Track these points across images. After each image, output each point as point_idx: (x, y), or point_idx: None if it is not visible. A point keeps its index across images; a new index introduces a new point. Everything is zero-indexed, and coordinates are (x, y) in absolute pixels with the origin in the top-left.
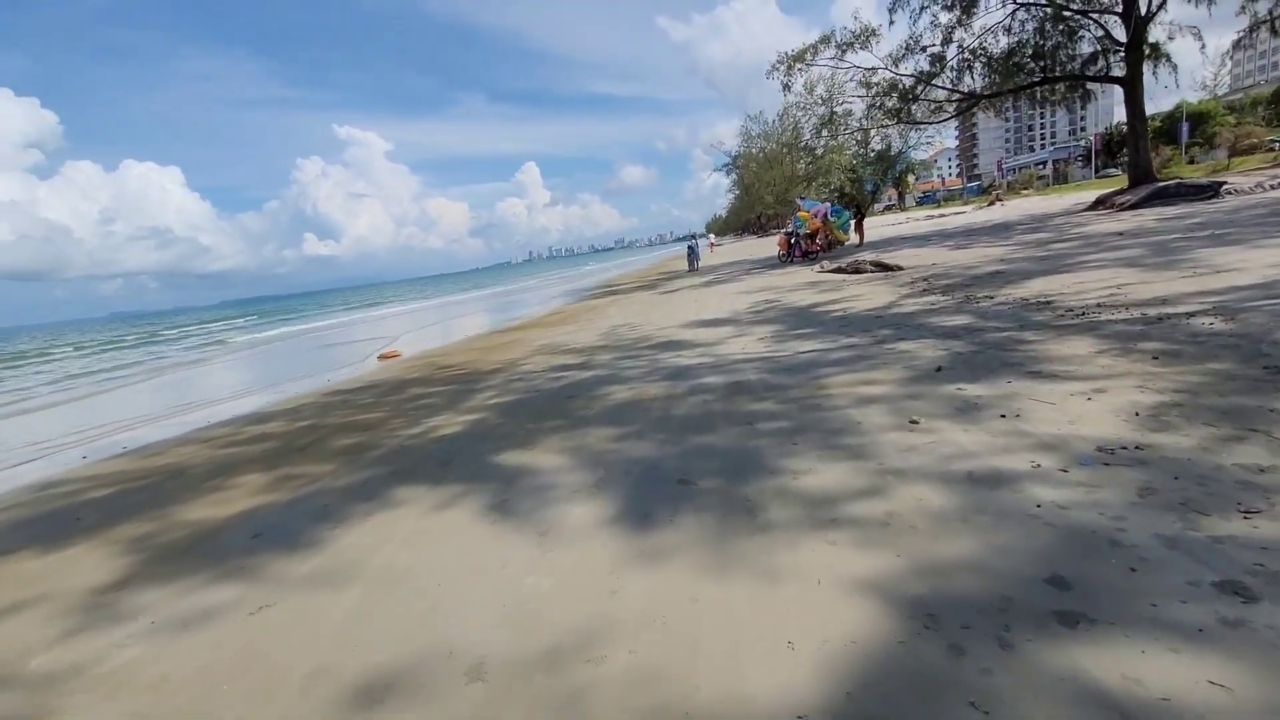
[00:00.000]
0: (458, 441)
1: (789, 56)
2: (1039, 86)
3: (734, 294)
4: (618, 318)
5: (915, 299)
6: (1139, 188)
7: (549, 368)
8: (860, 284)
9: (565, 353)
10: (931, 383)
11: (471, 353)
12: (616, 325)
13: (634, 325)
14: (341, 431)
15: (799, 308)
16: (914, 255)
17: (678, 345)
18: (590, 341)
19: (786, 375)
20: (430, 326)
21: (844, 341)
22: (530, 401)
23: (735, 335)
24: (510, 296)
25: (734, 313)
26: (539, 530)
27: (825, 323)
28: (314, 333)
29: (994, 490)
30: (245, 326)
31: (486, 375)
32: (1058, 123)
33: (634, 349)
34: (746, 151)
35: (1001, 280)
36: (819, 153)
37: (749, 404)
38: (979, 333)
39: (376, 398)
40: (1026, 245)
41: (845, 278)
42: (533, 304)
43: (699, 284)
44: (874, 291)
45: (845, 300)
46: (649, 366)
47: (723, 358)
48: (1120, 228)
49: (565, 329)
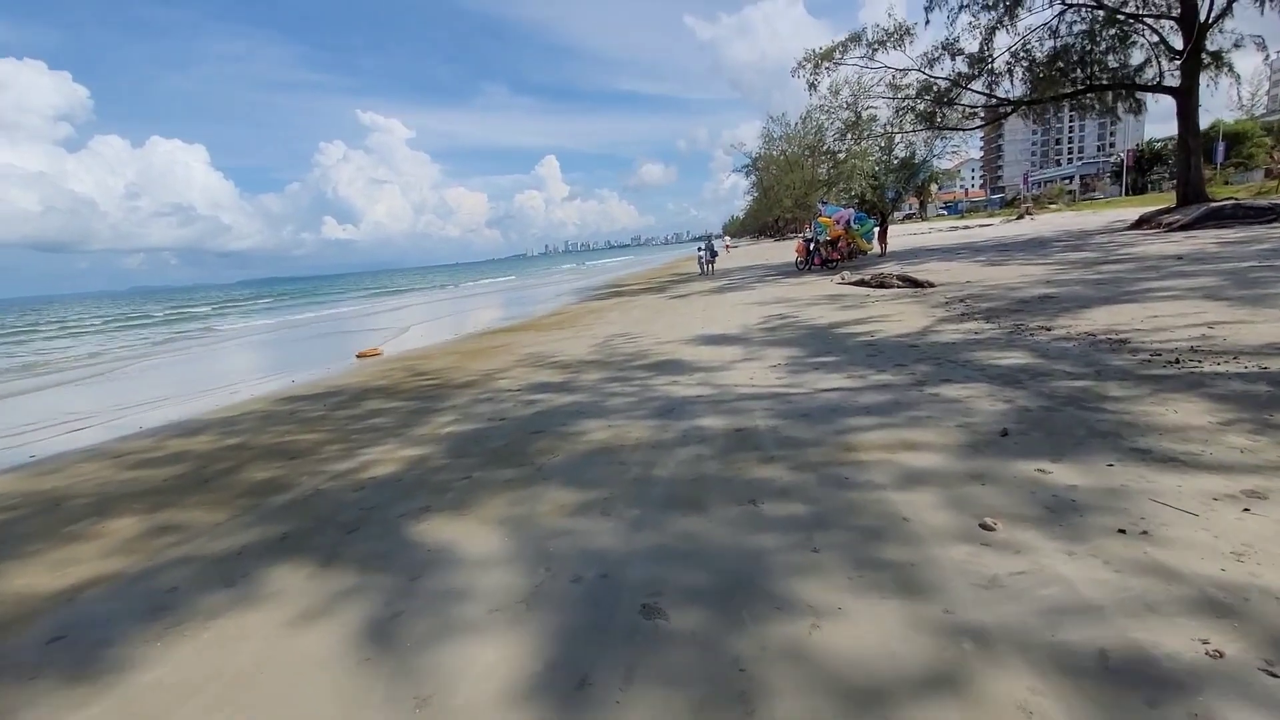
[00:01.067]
0: (383, 491)
1: (816, 54)
2: (1085, 95)
3: (746, 305)
4: (617, 325)
5: (954, 325)
6: (1189, 207)
7: (526, 386)
8: (887, 302)
9: (550, 366)
10: (999, 454)
11: (452, 357)
12: (614, 335)
13: (632, 336)
14: (265, 458)
15: (818, 327)
16: (944, 270)
17: (676, 368)
18: (580, 354)
19: (804, 425)
20: (428, 321)
21: (874, 379)
22: (490, 434)
23: (743, 359)
24: (518, 291)
25: (744, 328)
26: (417, 697)
27: (849, 350)
28: (312, 322)
29: (1154, 704)
30: (255, 309)
31: (456, 390)
32: (1086, 137)
33: (626, 368)
34: (767, 153)
35: (1055, 307)
36: (841, 157)
37: (754, 467)
38: (1044, 378)
39: (328, 410)
40: (1072, 265)
41: (869, 292)
42: (537, 300)
43: (709, 290)
44: (904, 312)
45: (871, 321)
46: (638, 395)
47: (726, 390)
48: (1176, 250)
49: (559, 335)
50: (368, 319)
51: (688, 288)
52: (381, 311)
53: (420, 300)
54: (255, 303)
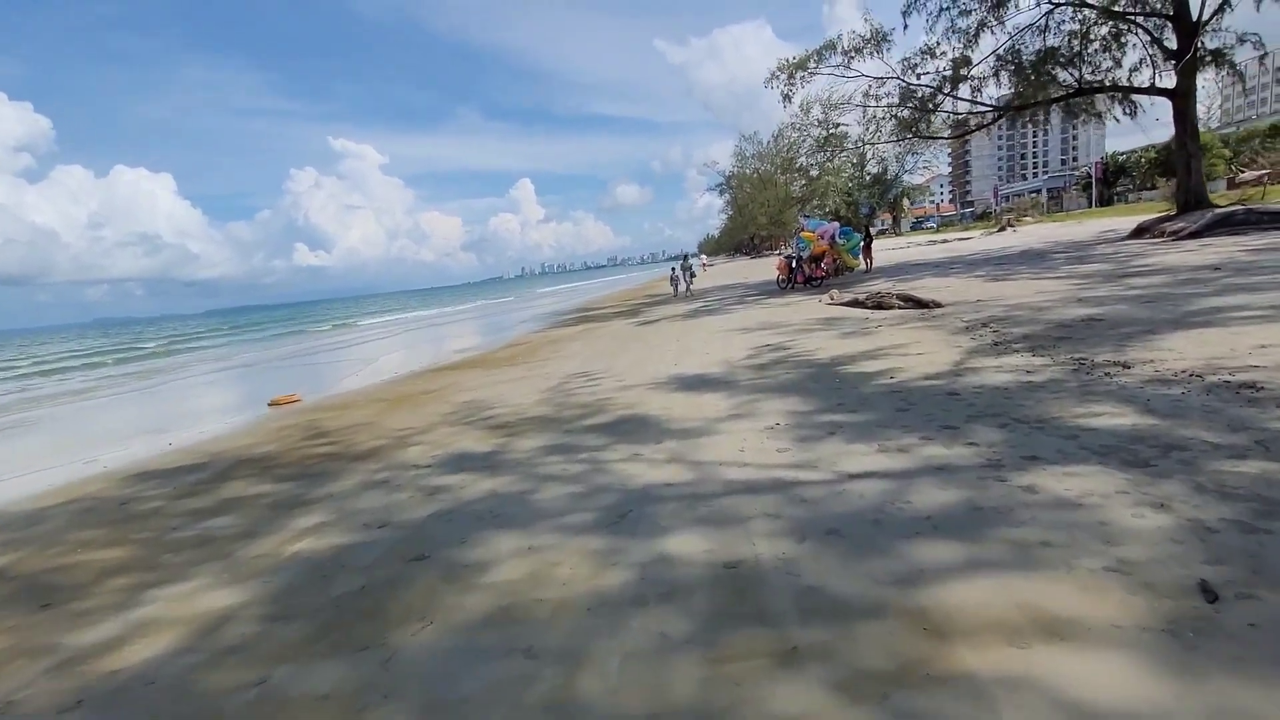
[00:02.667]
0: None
1: (790, 64)
2: (1075, 98)
3: (727, 332)
4: (578, 359)
5: (992, 359)
6: (1191, 214)
7: (441, 459)
8: (894, 327)
9: (482, 425)
10: (1215, 648)
11: (376, 407)
12: (571, 375)
13: (592, 376)
14: (2, 606)
15: (819, 363)
16: (944, 287)
17: (640, 430)
18: (525, 404)
19: (837, 558)
20: (375, 356)
21: (922, 452)
22: (351, 562)
23: (730, 414)
24: (484, 316)
25: (727, 365)
26: None
27: (869, 399)
28: (253, 359)
29: None
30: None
31: (351, 464)
32: (1050, 151)
33: (576, 429)
34: (740, 172)
35: (1112, 333)
36: (814, 174)
37: (765, 679)
38: (1181, 453)
39: (171, 497)
40: (1091, 279)
41: (868, 315)
42: (501, 327)
43: (684, 314)
44: (920, 341)
45: (884, 355)
46: (583, 482)
47: (708, 474)
48: (1201, 260)
49: (509, 375)
50: (313, 354)
51: (661, 311)
52: (333, 345)
53: (381, 329)
54: (214, 335)
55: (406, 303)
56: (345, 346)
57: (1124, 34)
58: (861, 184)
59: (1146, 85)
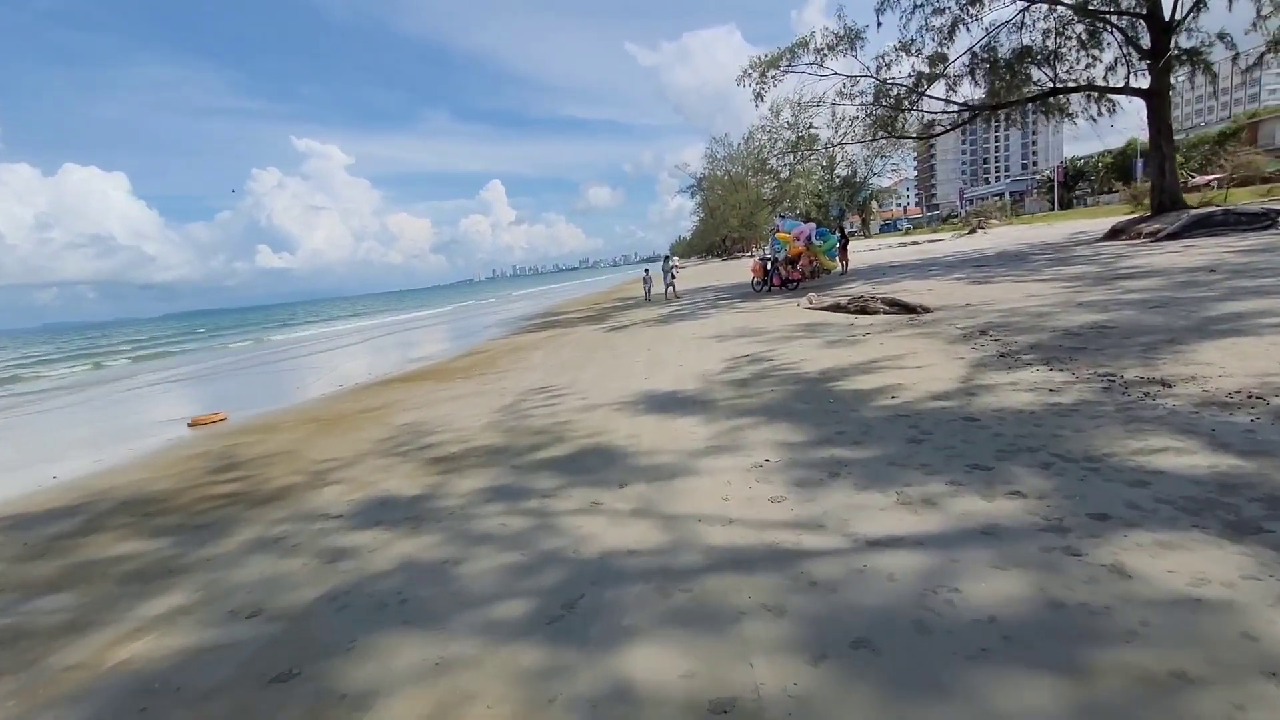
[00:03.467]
0: None
1: (762, 61)
2: (1050, 98)
3: (702, 340)
4: (538, 372)
5: (1002, 374)
6: (1167, 215)
7: (353, 510)
8: (883, 333)
9: (415, 459)
10: None
11: (305, 429)
12: (529, 391)
13: (553, 393)
14: None
15: (807, 377)
16: (926, 290)
17: (602, 467)
18: (472, 429)
19: (876, 699)
20: (326, 364)
21: (959, 508)
22: (182, 690)
23: (709, 446)
24: (448, 321)
25: (704, 380)
26: None
27: (872, 426)
28: (196, 367)
29: None
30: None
31: (250, 512)
32: (1011, 155)
33: (525, 466)
34: (712, 174)
35: (1130, 343)
36: (785, 176)
37: None
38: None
39: (5, 563)
40: (1081, 282)
41: (852, 320)
42: (463, 333)
43: (655, 319)
44: (915, 351)
45: (879, 367)
46: (523, 554)
47: (686, 541)
48: (1193, 261)
49: (461, 389)
50: (260, 362)
51: (630, 316)
52: (284, 352)
53: (341, 334)
54: (164, 340)
55: (372, 306)
56: (297, 354)
57: (1100, 32)
58: (831, 186)
59: (1121, 85)
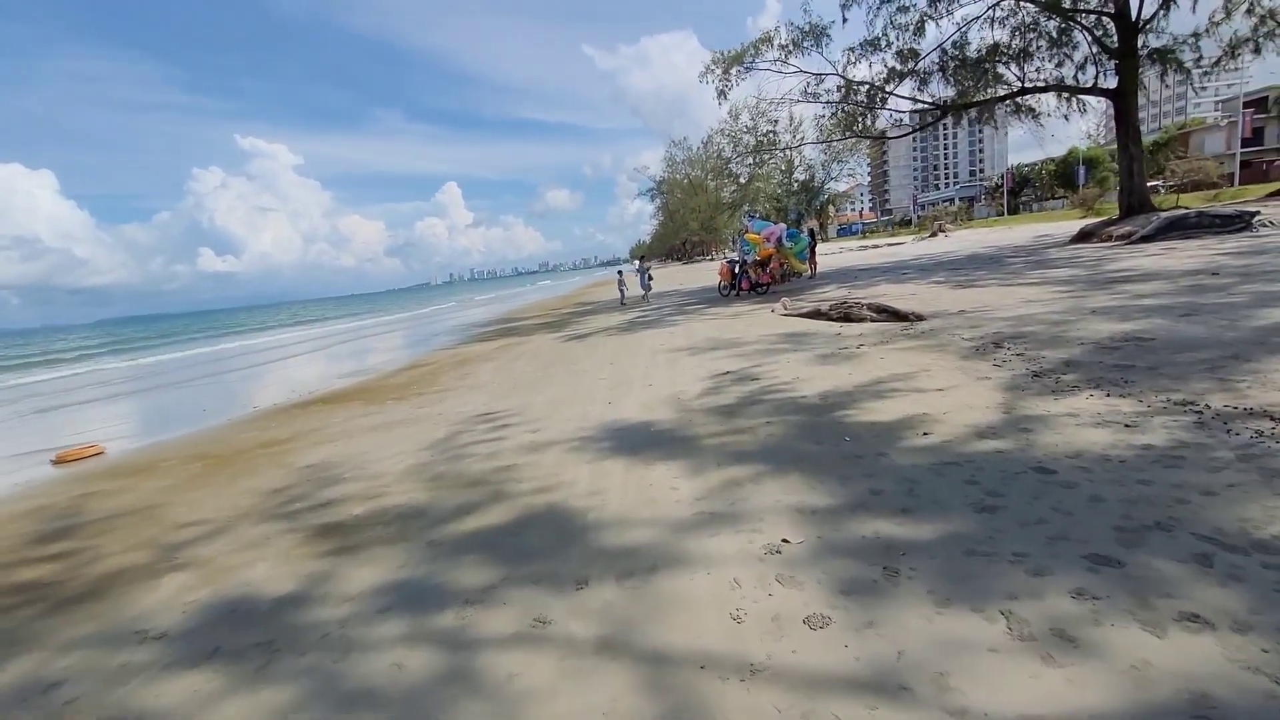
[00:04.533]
0: None
1: (726, 58)
2: (1019, 97)
3: (672, 353)
4: (484, 393)
5: (1048, 399)
6: (1136, 218)
7: (184, 625)
8: (879, 345)
9: (303, 526)
10: None
11: (181, 473)
12: (469, 419)
13: (498, 421)
14: None
15: (807, 403)
16: (907, 294)
17: (552, 550)
18: (388, 476)
19: None
20: (244, 383)
21: (1115, 643)
22: None
23: (700, 513)
24: (397, 327)
25: (679, 405)
26: None
27: (914, 478)
28: (84, 381)
29: None
30: (65, 358)
31: (37, 624)
32: (960, 161)
33: (446, 544)
34: (671, 177)
35: (1185, 360)
36: (743, 180)
37: None
38: None
39: None
40: (1074, 286)
41: (839, 329)
42: (408, 343)
43: (618, 327)
44: (925, 367)
45: (890, 388)
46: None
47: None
48: (1183, 265)
49: (391, 415)
50: (179, 375)
51: (591, 323)
52: (210, 363)
53: (281, 342)
54: (85, 348)
55: (320, 311)
56: (225, 366)
57: (1070, 30)
58: (790, 190)
59: (1090, 85)
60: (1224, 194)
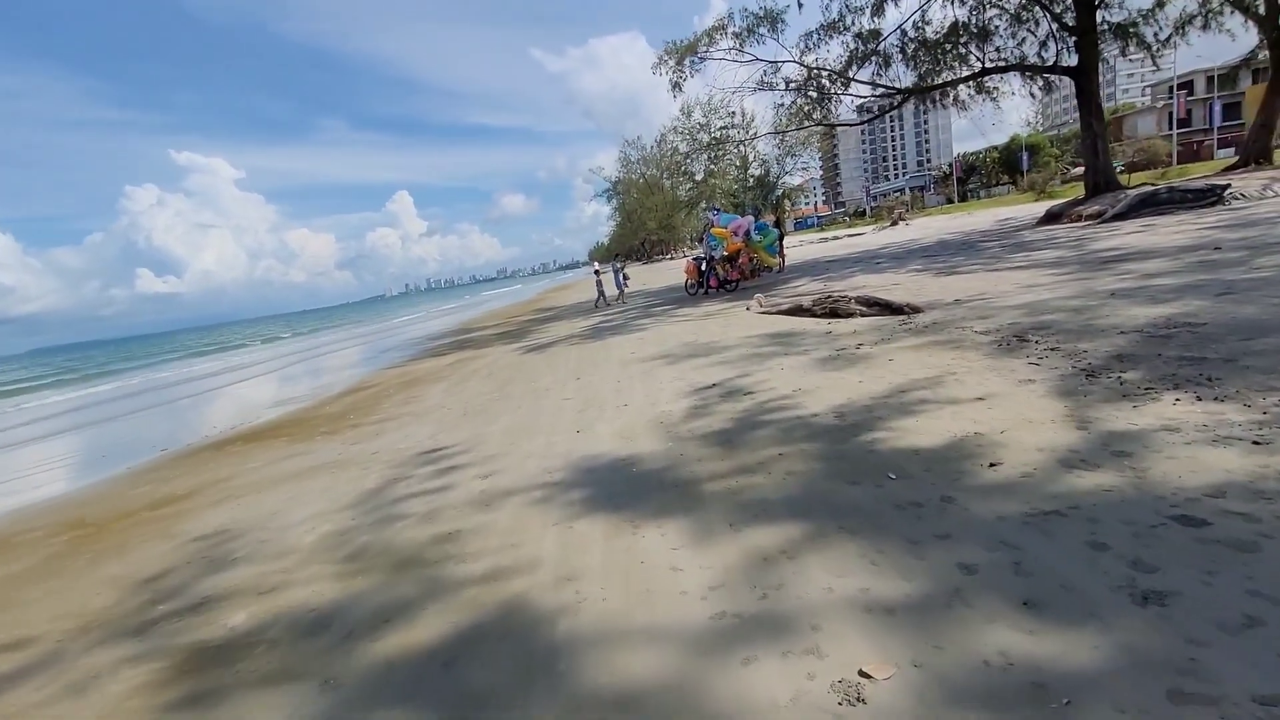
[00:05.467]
0: None
1: (679, 48)
2: (983, 77)
3: (645, 362)
4: (431, 421)
5: (1121, 407)
6: (1103, 197)
7: None
8: (881, 342)
9: (158, 654)
10: None
11: (43, 547)
12: (409, 458)
13: (443, 461)
14: None
15: (819, 423)
16: (891, 285)
17: (513, 677)
18: (295, 553)
19: None
20: (167, 416)
21: None
22: None
23: (720, 617)
24: (345, 344)
25: (664, 429)
26: None
27: (1017, 545)
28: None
29: None
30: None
31: None
32: (907, 152)
33: (361, 675)
34: (627, 177)
35: (1261, 347)
36: (699, 177)
37: None
38: None
39: None
40: (1069, 269)
41: (827, 325)
42: (353, 361)
43: (580, 334)
44: (944, 366)
45: (917, 397)
46: None
47: None
48: (1175, 241)
49: (315, 457)
50: (97, 411)
51: (553, 330)
52: (137, 394)
53: (215, 366)
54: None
55: (268, 330)
56: (141, 402)
57: (1029, 7)
58: (746, 186)
59: (1051, 64)
60: (1169, 172)
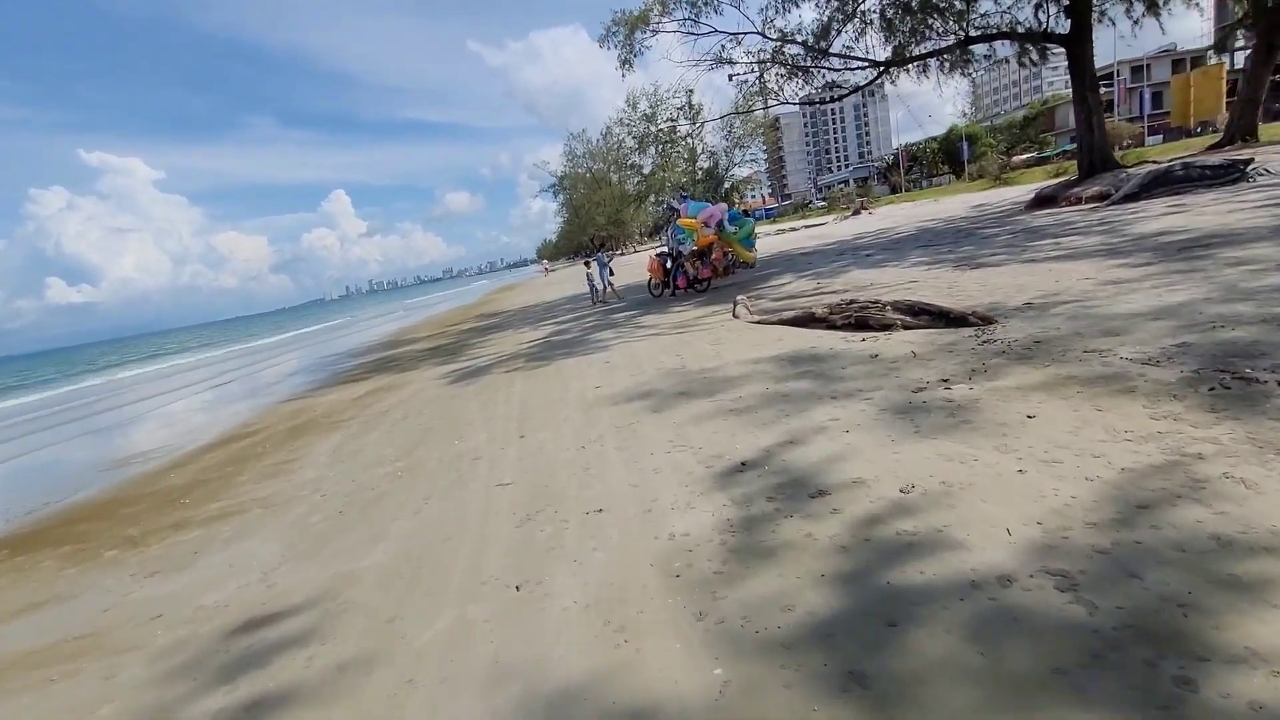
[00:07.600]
0: None
1: (630, 18)
2: (967, 46)
3: (619, 405)
4: (288, 527)
5: None
6: (1101, 176)
7: None
8: (975, 377)
9: None
10: None
11: None
12: (219, 644)
13: (269, 655)
14: None
15: (1031, 603)
16: (905, 281)
17: None
18: None
19: None
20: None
21: None
22: None
23: None
24: (259, 358)
25: (692, 599)
26: None
27: None
28: None
29: None
30: None
31: None
32: (849, 145)
33: None
34: (573, 172)
35: None
36: (647, 170)
37: None
38: None
39: None
40: (1145, 256)
41: (861, 341)
42: (254, 386)
43: (527, 350)
44: (1143, 431)
45: (1172, 517)
46: None
47: None
48: (1243, 222)
49: (75, 613)
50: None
51: (492, 346)
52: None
53: (90, 390)
54: None
55: (184, 341)
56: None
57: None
58: (695, 179)
59: (1039, 32)
60: (1130, 155)
